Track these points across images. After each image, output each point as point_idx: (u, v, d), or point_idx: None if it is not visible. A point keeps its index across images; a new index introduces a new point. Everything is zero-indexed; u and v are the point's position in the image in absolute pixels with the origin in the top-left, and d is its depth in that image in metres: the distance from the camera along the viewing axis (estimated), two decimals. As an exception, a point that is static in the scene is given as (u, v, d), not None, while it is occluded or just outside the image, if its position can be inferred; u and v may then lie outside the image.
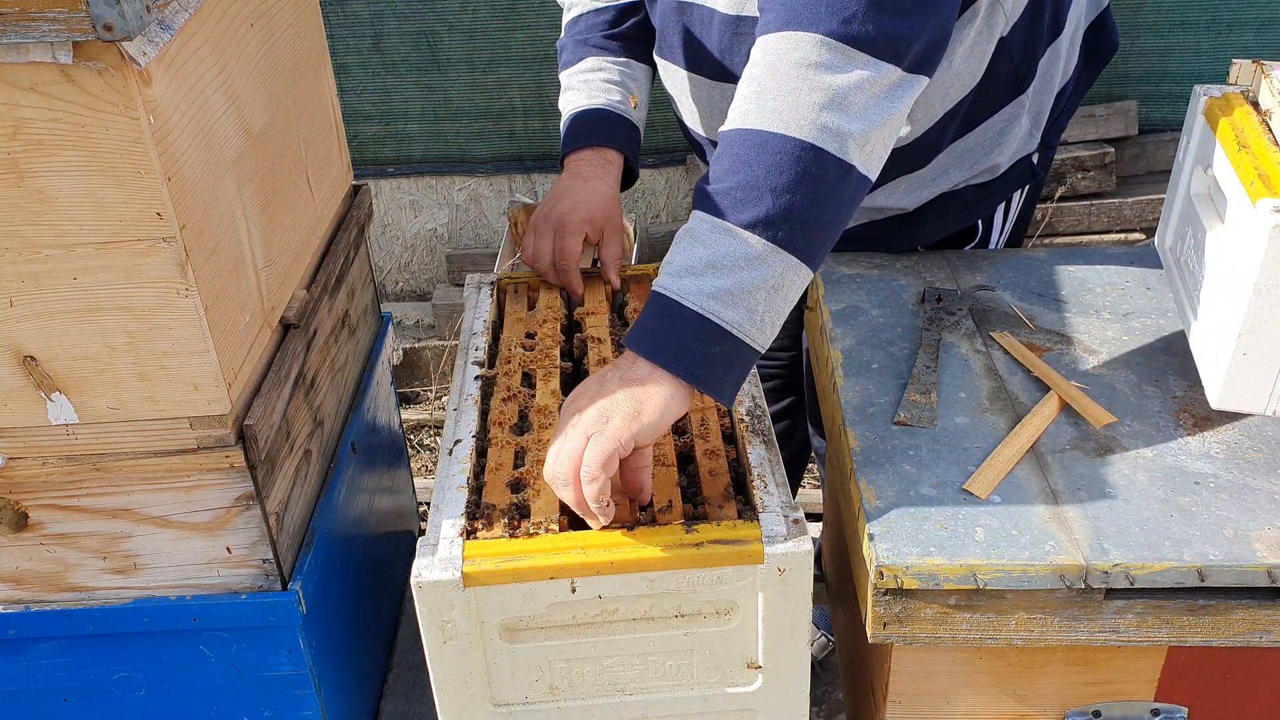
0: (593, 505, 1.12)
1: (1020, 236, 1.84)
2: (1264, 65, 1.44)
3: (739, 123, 1.19)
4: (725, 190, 1.16)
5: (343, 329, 1.58)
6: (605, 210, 1.61)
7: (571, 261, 1.59)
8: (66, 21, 0.93)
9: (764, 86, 1.18)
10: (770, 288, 1.16)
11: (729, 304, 1.14)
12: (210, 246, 1.13)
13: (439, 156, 3.87)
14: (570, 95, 1.71)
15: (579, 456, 1.12)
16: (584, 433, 1.13)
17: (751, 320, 1.15)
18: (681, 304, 1.14)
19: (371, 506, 1.67)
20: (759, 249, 1.14)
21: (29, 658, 1.30)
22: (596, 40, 1.73)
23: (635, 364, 1.16)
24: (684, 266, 1.16)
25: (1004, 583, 1.14)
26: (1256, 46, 3.57)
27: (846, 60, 1.17)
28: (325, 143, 1.55)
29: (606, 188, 1.63)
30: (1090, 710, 1.29)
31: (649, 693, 1.22)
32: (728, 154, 1.18)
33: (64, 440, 1.17)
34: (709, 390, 1.16)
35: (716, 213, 1.16)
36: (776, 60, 1.18)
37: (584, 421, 1.13)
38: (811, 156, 1.15)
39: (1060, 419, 1.34)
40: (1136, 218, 3.62)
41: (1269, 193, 1.24)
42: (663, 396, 1.14)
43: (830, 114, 1.15)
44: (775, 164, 1.14)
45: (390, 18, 3.64)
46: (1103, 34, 1.69)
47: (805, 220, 1.16)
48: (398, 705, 1.66)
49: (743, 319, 1.15)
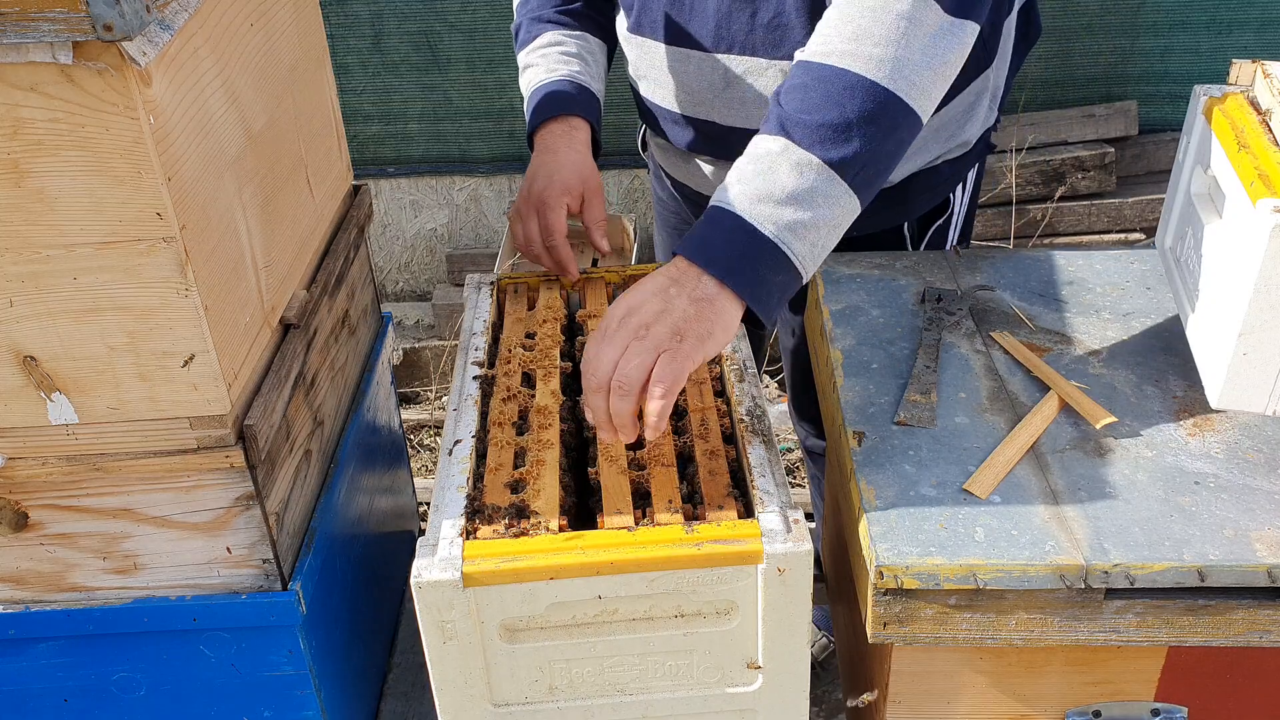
0: (655, 421, 1.13)
1: (974, 211, 1.87)
2: (1264, 65, 1.44)
3: (836, 60, 1.21)
4: (817, 125, 1.18)
5: (343, 329, 1.58)
6: (580, 175, 1.60)
7: (558, 236, 1.58)
8: (66, 21, 0.93)
9: (864, 30, 1.21)
10: (833, 225, 1.20)
11: (800, 237, 1.17)
12: (210, 246, 1.13)
13: (439, 156, 3.88)
14: (530, 73, 1.72)
15: (648, 370, 1.12)
16: (655, 348, 1.12)
17: (811, 254, 1.19)
18: (760, 231, 1.16)
19: (371, 506, 1.67)
20: (839, 189, 1.18)
21: (29, 658, 1.30)
22: (550, 15, 1.74)
23: (702, 281, 1.16)
24: (764, 193, 1.17)
25: (1004, 583, 1.14)
26: (1256, 46, 3.57)
27: (941, 19, 1.22)
28: (325, 143, 1.55)
29: (576, 154, 1.62)
30: (1090, 710, 1.29)
31: (649, 693, 1.22)
32: (820, 89, 1.20)
33: (64, 440, 1.17)
34: (765, 316, 1.19)
35: (805, 144, 1.18)
36: (880, 8, 1.21)
37: (655, 336, 1.13)
38: (899, 110, 1.20)
39: (1060, 419, 1.34)
40: (1136, 218, 3.62)
41: (1269, 193, 1.24)
42: (730, 319, 1.16)
43: (921, 73, 1.21)
44: (869, 111, 1.19)
45: (390, 18, 3.64)
46: (1031, 17, 1.72)
47: (880, 168, 1.22)
48: (398, 705, 1.66)
49: (806, 252, 1.19)
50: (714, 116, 1.63)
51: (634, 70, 1.72)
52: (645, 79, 1.70)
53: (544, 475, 1.26)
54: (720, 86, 1.59)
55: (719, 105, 1.61)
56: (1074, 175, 3.60)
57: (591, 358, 1.16)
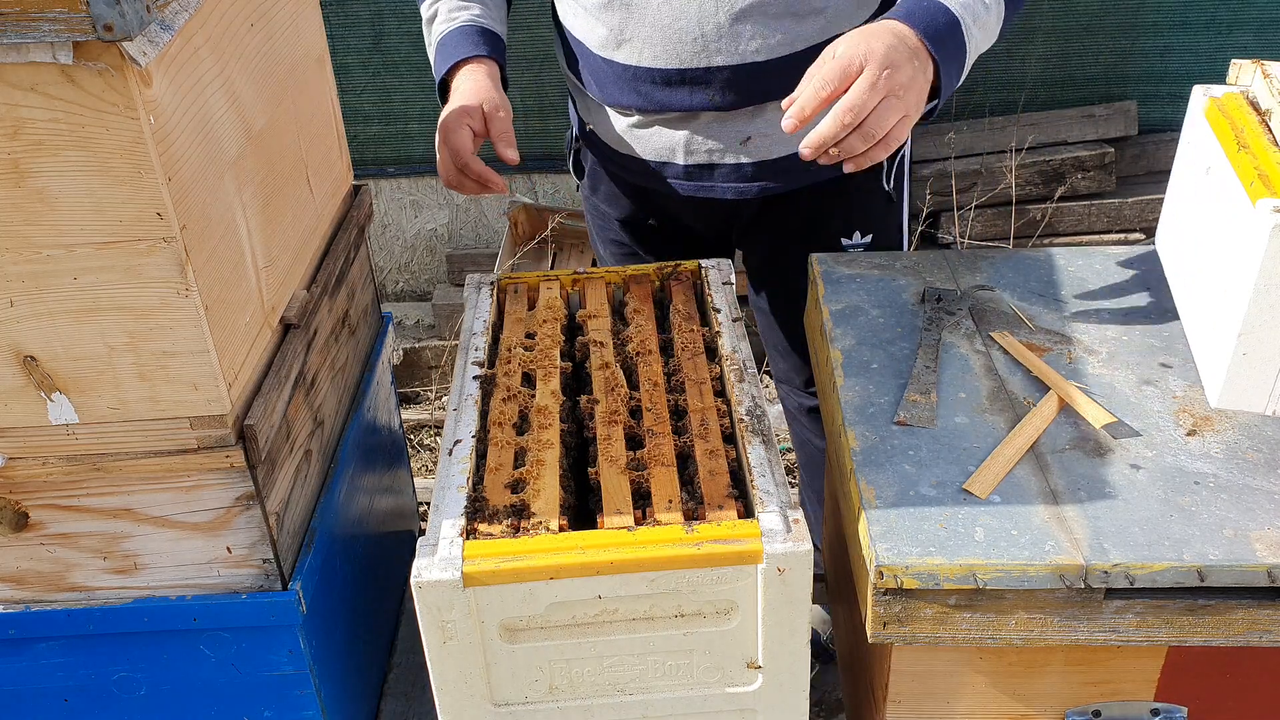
0: (870, 163, 1.32)
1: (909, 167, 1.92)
2: (1264, 65, 1.44)
3: None
4: None
5: (343, 329, 1.58)
6: (478, 96, 1.61)
7: (465, 154, 1.58)
8: (67, 22, 0.93)
9: None
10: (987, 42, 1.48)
11: (982, 39, 1.44)
12: (210, 246, 1.13)
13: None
14: (433, 27, 1.73)
15: (891, 126, 1.30)
16: (904, 111, 1.30)
17: (971, 57, 1.43)
18: (963, 30, 1.39)
19: (371, 506, 1.67)
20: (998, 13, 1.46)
21: (29, 658, 1.30)
22: None
23: (928, 66, 1.35)
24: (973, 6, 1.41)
25: (1004, 582, 1.14)
26: (1256, 46, 3.57)
27: None
28: (325, 143, 1.55)
29: (475, 83, 1.63)
30: (1090, 710, 1.29)
31: (649, 693, 1.22)
32: None
33: (64, 440, 1.17)
34: (947, 96, 1.40)
35: None
36: None
37: (909, 103, 1.31)
38: None
39: (1060, 419, 1.34)
40: (1136, 218, 3.62)
41: (1269, 193, 1.24)
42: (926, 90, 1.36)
43: None
44: None
45: (390, 18, 3.64)
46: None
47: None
48: (398, 705, 1.66)
49: (972, 54, 1.43)
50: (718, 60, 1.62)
51: (606, 41, 1.68)
52: (629, 43, 1.66)
53: (544, 475, 1.26)
54: (725, 25, 1.59)
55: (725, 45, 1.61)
56: (1074, 175, 3.60)
57: (860, 94, 1.28)
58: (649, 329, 1.52)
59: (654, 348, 1.48)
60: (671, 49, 1.63)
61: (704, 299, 1.58)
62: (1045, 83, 3.72)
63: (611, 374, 1.43)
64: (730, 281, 1.60)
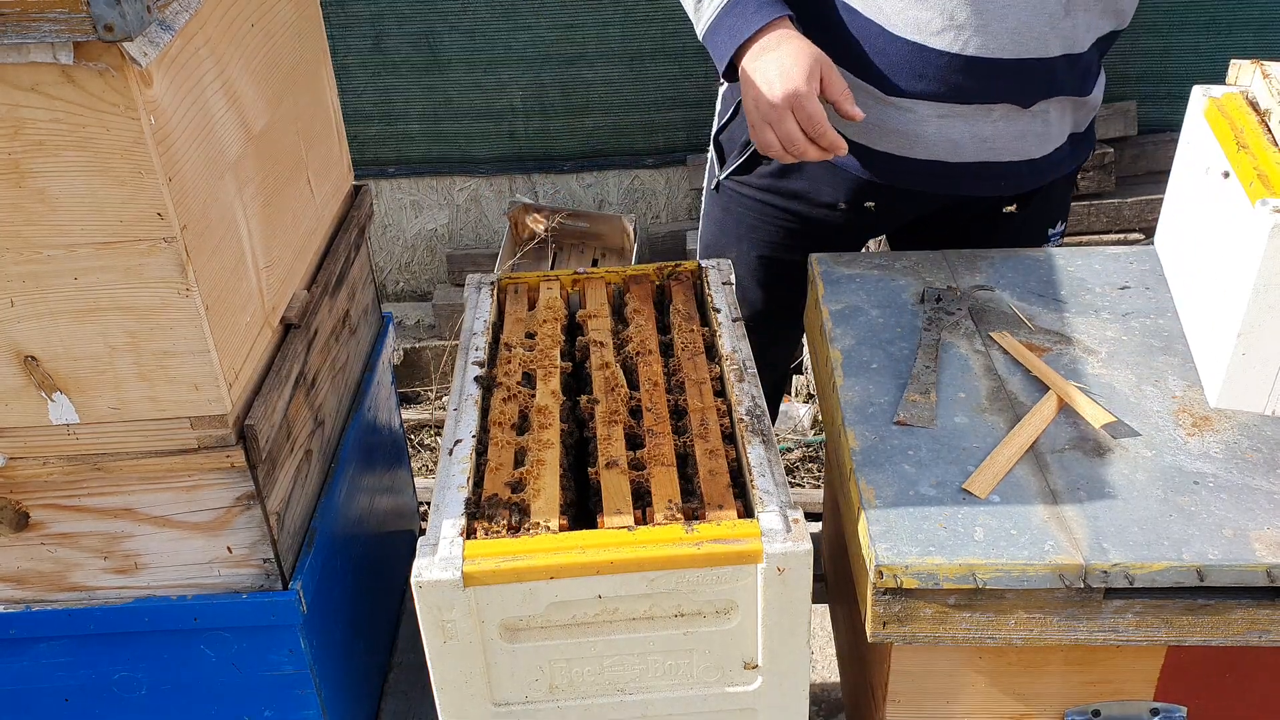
0: None
1: None
2: (1263, 65, 1.45)
3: None
4: None
5: (343, 329, 1.58)
6: (810, 56, 1.50)
7: (821, 121, 1.49)
8: (67, 22, 0.93)
9: None
10: None
11: None
12: (211, 247, 1.13)
13: (439, 157, 3.88)
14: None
15: None
16: None
17: None
18: None
19: (372, 506, 1.67)
20: None
21: (30, 658, 1.31)
22: None
23: None
24: None
25: (1003, 582, 1.14)
26: (1256, 46, 3.57)
27: None
28: (325, 143, 1.55)
29: (796, 42, 1.52)
30: (1090, 710, 1.29)
31: (649, 692, 1.22)
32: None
33: (65, 440, 1.17)
34: None
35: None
36: None
37: None
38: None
39: (1059, 419, 1.34)
40: (1136, 218, 3.63)
41: (1268, 193, 1.24)
42: None
43: None
44: None
45: (390, 18, 3.64)
46: None
47: None
48: (398, 705, 1.66)
49: None
50: (1041, 51, 1.60)
51: (931, 27, 1.59)
52: (956, 30, 1.57)
53: (544, 475, 1.26)
54: (1060, 14, 1.56)
55: (1052, 37, 1.58)
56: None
57: None
58: (649, 329, 1.52)
59: (654, 348, 1.48)
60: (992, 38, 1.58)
61: (704, 299, 1.58)
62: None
63: (611, 374, 1.44)
64: (730, 281, 1.60)
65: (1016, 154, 1.69)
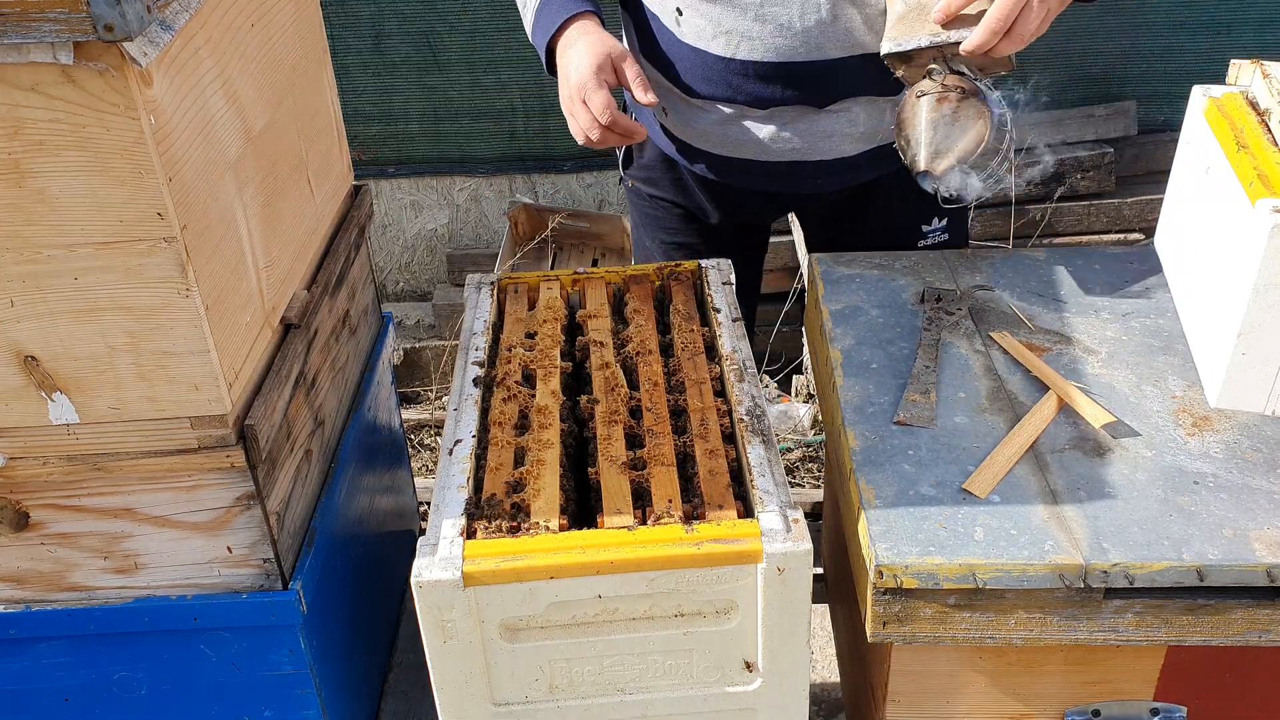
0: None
1: None
2: (1263, 65, 1.45)
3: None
4: None
5: (343, 329, 1.58)
6: (602, 48, 1.57)
7: (612, 110, 1.55)
8: (67, 22, 0.93)
9: None
10: None
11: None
12: (211, 247, 1.13)
13: (439, 157, 3.88)
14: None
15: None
16: None
17: None
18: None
19: (372, 506, 1.67)
20: None
21: (30, 657, 1.31)
22: None
23: None
24: None
25: (1003, 582, 1.14)
26: (1256, 46, 3.57)
27: None
28: (325, 143, 1.55)
29: (590, 36, 1.59)
30: (1090, 710, 1.29)
31: (649, 692, 1.22)
32: None
33: (65, 440, 1.17)
34: None
35: None
36: None
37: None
38: None
39: (1059, 419, 1.34)
40: (1136, 218, 3.63)
41: (1268, 193, 1.24)
42: None
43: None
44: None
45: (390, 18, 3.64)
46: None
47: None
48: (398, 705, 1.66)
49: None
50: (816, 55, 1.60)
51: (705, 34, 1.64)
52: (726, 35, 1.62)
53: (544, 475, 1.26)
54: (827, 20, 1.57)
55: (825, 41, 1.59)
56: (1073, 175, 3.60)
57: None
58: (649, 329, 1.52)
59: (654, 348, 1.48)
60: (768, 44, 1.61)
61: (704, 299, 1.58)
62: (1045, 83, 3.72)
63: (611, 374, 1.44)
64: (730, 281, 1.60)
65: (827, 153, 1.71)
